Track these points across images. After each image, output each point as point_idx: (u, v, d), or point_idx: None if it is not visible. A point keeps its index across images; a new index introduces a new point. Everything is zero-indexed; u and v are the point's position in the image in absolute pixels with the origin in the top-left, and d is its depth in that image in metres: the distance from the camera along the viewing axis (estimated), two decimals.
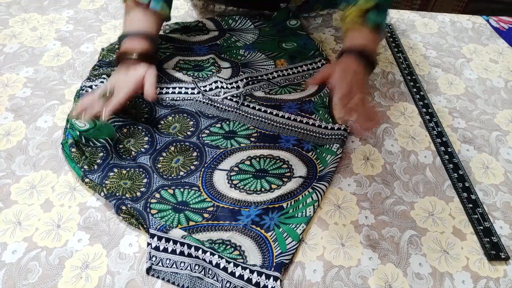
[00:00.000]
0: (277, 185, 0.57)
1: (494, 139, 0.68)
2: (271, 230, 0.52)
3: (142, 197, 0.55)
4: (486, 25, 0.92)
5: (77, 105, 0.61)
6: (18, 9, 0.87)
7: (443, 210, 0.58)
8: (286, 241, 0.51)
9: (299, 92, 0.71)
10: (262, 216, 0.54)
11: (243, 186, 0.57)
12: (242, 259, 0.49)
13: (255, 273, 0.48)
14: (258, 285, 0.47)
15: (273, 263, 0.49)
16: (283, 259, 0.50)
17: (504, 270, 0.52)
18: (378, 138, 0.67)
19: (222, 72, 0.73)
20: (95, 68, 0.72)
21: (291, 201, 0.56)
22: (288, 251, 0.50)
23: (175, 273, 0.49)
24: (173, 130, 0.64)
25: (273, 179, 0.58)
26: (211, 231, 0.52)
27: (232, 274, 0.48)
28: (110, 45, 0.78)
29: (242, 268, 0.48)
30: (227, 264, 0.48)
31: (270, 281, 0.48)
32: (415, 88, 0.75)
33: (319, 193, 0.56)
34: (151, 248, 0.50)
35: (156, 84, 0.65)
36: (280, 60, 0.77)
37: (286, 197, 0.56)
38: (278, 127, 0.65)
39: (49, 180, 0.58)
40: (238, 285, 0.47)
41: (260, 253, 0.50)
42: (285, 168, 0.59)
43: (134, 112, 0.66)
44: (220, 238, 0.51)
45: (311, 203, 0.55)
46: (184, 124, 0.65)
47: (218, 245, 0.51)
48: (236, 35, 0.82)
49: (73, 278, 0.48)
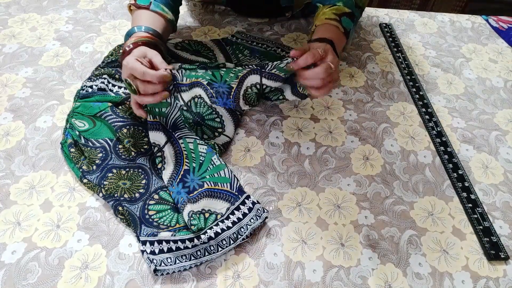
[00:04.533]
0: (208, 136, 0.63)
1: (493, 139, 0.68)
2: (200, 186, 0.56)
3: (140, 198, 0.55)
4: (485, 24, 0.92)
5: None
6: (17, 9, 0.87)
7: (443, 210, 0.58)
8: (215, 173, 0.58)
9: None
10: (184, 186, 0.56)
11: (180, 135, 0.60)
12: (222, 217, 0.54)
13: (237, 211, 0.54)
14: (245, 215, 0.54)
15: (236, 194, 0.56)
16: (234, 185, 0.57)
17: (503, 270, 0.52)
18: (377, 138, 0.67)
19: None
20: (97, 68, 0.72)
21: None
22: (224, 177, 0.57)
23: (181, 266, 0.49)
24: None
25: (206, 130, 0.62)
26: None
27: (228, 228, 0.52)
28: (118, 47, 0.77)
29: (227, 219, 0.53)
30: (218, 227, 0.52)
31: (248, 202, 0.55)
32: (414, 88, 0.75)
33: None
34: (148, 254, 0.50)
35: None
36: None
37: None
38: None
39: (49, 180, 0.58)
40: (243, 231, 0.52)
41: (222, 201, 0.56)
42: (217, 122, 0.63)
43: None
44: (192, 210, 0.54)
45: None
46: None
47: (197, 215, 0.53)
48: (241, 59, 0.78)
49: (72, 279, 0.48)
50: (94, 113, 0.63)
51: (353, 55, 0.82)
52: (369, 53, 0.83)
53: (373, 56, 0.82)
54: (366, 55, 0.82)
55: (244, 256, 0.52)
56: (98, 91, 0.67)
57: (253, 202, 0.55)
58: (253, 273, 0.50)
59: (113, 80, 0.69)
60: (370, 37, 0.86)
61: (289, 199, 0.58)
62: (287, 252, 0.52)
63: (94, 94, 0.66)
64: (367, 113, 0.71)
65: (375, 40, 0.86)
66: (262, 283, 0.50)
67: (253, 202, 0.55)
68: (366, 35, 0.87)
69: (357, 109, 0.71)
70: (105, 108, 0.64)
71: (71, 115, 0.64)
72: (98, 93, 0.66)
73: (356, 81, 0.76)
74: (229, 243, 0.51)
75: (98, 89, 0.67)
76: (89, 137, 0.61)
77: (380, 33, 0.88)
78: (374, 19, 0.91)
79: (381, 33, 0.88)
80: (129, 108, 0.65)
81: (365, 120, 0.69)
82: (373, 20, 0.91)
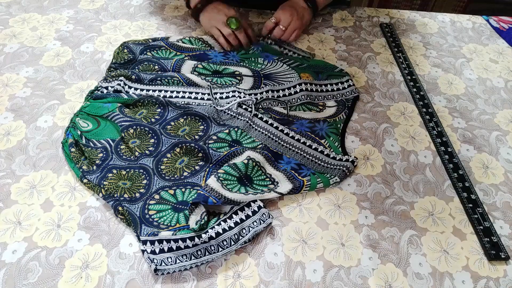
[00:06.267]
0: (253, 193, 0.56)
1: (494, 139, 0.68)
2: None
3: (140, 198, 0.55)
4: (486, 25, 0.92)
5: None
6: (18, 9, 0.87)
7: (443, 210, 0.58)
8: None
9: (315, 113, 0.69)
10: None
11: (226, 185, 0.56)
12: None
13: (240, 212, 0.54)
14: (248, 217, 0.53)
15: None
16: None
17: (504, 270, 0.52)
18: (378, 138, 0.67)
19: (244, 83, 0.72)
20: (111, 70, 0.72)
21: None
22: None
23: (181, 265, 0.49)
24: (182, 132, 0.64)
25: (252, 191, 0.57)
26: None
27: (230, 228, 0.52)
28: (121, 46, 0.77)
29: (229, 219, 0.53)
30: (219, 227, 0.51)
31: (253, 205, 0.54)
32: (415, 88, 0.75)
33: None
34: (148, 253, 0.50)
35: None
36: (305, 74, 0.73)
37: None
38: (283, 147, 0.63)
39: (49, 180, 0.58)
40: (244, 233, 0.52)
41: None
42: (269, 185, 0.58)
43: (145, 112, 0.66)
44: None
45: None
46: (194, 127, 0.65)
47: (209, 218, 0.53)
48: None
49: (73, 278, 0.48)
50: (101, 114, 0.64)
51: (354, 55, 0.82)
52: (369, 53, 0.83)
53: (373, 56, 0.82)
54: (366, 55, 0.82)
55: (244, 256, 0.52)
56: (113, 93, 0.67)
57: (259, 206, 0.55)
58: (254, 273, 0.50)
59: (129, 82, 0.70)
60: (371, 37, 0.86)
61: (290, 199, 0.58)
62: (288, 252, 0.53)
63: (108, 96, 0.66)
64: (367, 113, 0.71)
65: (375, 40, 0.86)
66: (262, 283, 0.50)
67: (258, 206, 0.54)
68: (366, 35, 0.87)
69: (358, 109, 0.71)
70: (114, 109, 0.64)
71: (76, 114, 0.64)
72: (112, 94, 0.67)
73: (356, 81, 0.76)
74: (229, 243, 0.51)
75: (113, 91, 0.67)
76: (91, 138, 0.61)
77: (381, 33, 0.88)
78: (374, 19, 0.91)
79: (382, 33, 0.88)
80: (138, 109, 0.66)
81: (365, 120, 0.69)
82: (373, 20, 0.91)
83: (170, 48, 0.78)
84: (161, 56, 0.76)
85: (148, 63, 0.74)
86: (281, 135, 0.64)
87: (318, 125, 0.66)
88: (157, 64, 0.74)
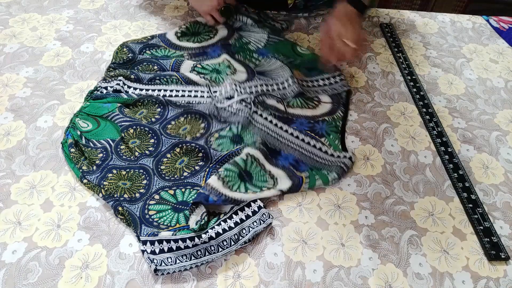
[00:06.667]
0: (253, 191, 0.56)
1: (494, 139, 0.68)
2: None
3: (140, 198, 0.55)
4: (486, 25, 0.92)
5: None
6: (18, 9, 0.87)
7: (443, 210, 0.58)
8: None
9: (312, 109, 0.69)
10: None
11: (226, 182, 0.56)
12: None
13: (241, 212, 0.54)
14: (248, 217, 0.53)
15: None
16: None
17: (504, 270, 0.52)
18: (378, 138, 0.67)
19: (237, 75, 0.73)
20: (110, 70, 0.72)
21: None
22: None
23: (181, 266, 0.49)
24: (183, 131, 0.64)
25: (252, 188, 0.57)
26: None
27: (230, 228, 0.52)
28: (120, 46, 0.77)
29: (229, 219, 0.53)
30: (219, 227, 0.51)
31: (254, 205, 0.54)
32: (415, 88, 0.75)
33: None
34: (148, 253, 0.50)
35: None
36: (297, 71, 0.74)
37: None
38: (282, 143, 0.63)
39: (49, 180, 0.58)
40: (244, 233, 0.52)
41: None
42: (270, 182, 0.58)
43: (145, 112, 0.66)
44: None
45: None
46: (195, 126, 0.65)
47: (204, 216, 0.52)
48: (246, 35, 0.82)
49: (73, 278, 0.48)
50: (101, 114, 0.64)
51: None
52: (369, 53, 0.83)
53: (373, 56, 0.82)
54: (366, 55, 0.82)
55: (244, 256, 0.52)
56: (113, 93, 0.67)
57: (259, 206, 0.55)
58: (254, 273, 0.50)
59: (128, 82, 0.70)
60: (371, 37, 0.86)
61: (290, 199, 0.58)
62: (288, 252, 0.53)
63: (107, 96, 0.66)
64: (367, 113, 0.71)
65: (375, 40, 0.86)
66: (262, 283, 0.50)
67: (259, 206, 0.55)
68: (366, 35, 0.87)
69: (358, 109, 0.71)
70: (114, 109, 0.64)
71: (76, 114, 0.64)
72: (111, 94, 0.67)
73: (356, 81, 0.76)
74: (229, 244, 0.51)
75: (113, 91, 0.67)
76: (91, 138, 0.61)
77: (381, 33, 0.88)
78: (374, 19, 0.91)
79: (382, 33, 0.88)
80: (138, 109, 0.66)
81: (365, 120, 0.69)
82: (373, 20, 0.91)
83: (169, 48, 0.78)
84: (160, 55, 0.77)
85: (147, 64, 0.74)
86: (280, 132, 0.65)
87: (318, 125, 0.67)
88: (156, 64, 0.74)
